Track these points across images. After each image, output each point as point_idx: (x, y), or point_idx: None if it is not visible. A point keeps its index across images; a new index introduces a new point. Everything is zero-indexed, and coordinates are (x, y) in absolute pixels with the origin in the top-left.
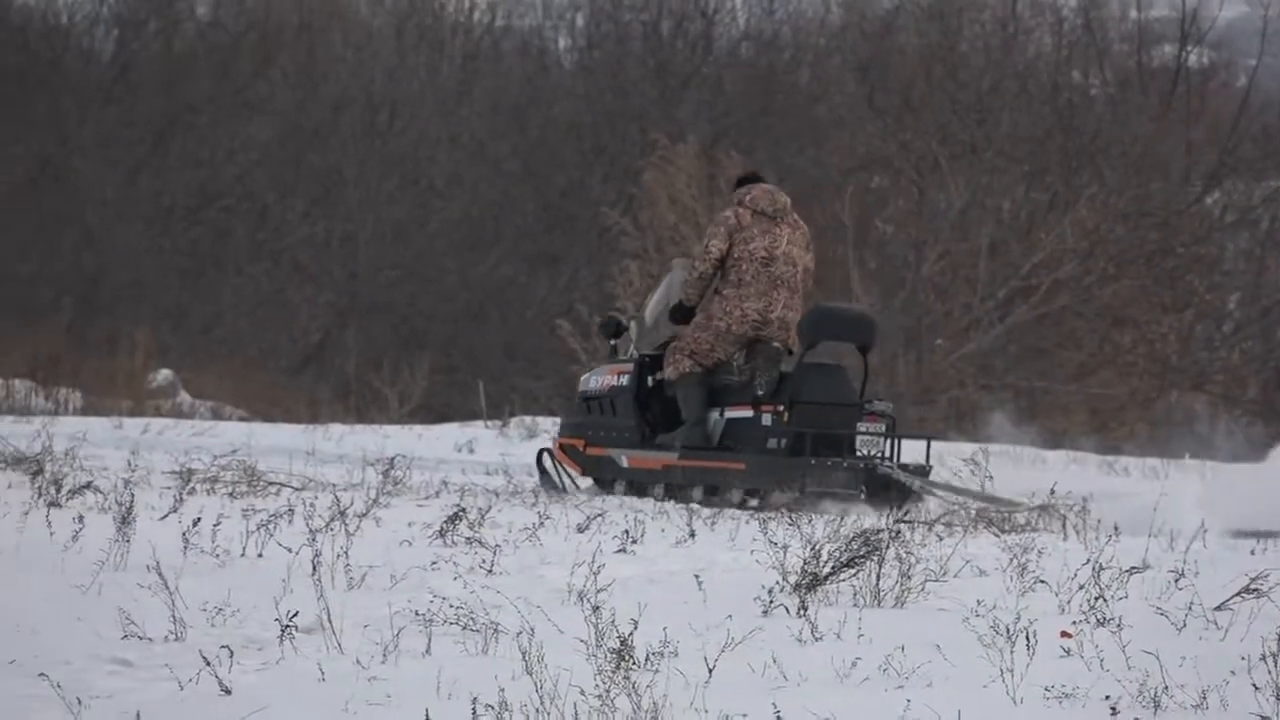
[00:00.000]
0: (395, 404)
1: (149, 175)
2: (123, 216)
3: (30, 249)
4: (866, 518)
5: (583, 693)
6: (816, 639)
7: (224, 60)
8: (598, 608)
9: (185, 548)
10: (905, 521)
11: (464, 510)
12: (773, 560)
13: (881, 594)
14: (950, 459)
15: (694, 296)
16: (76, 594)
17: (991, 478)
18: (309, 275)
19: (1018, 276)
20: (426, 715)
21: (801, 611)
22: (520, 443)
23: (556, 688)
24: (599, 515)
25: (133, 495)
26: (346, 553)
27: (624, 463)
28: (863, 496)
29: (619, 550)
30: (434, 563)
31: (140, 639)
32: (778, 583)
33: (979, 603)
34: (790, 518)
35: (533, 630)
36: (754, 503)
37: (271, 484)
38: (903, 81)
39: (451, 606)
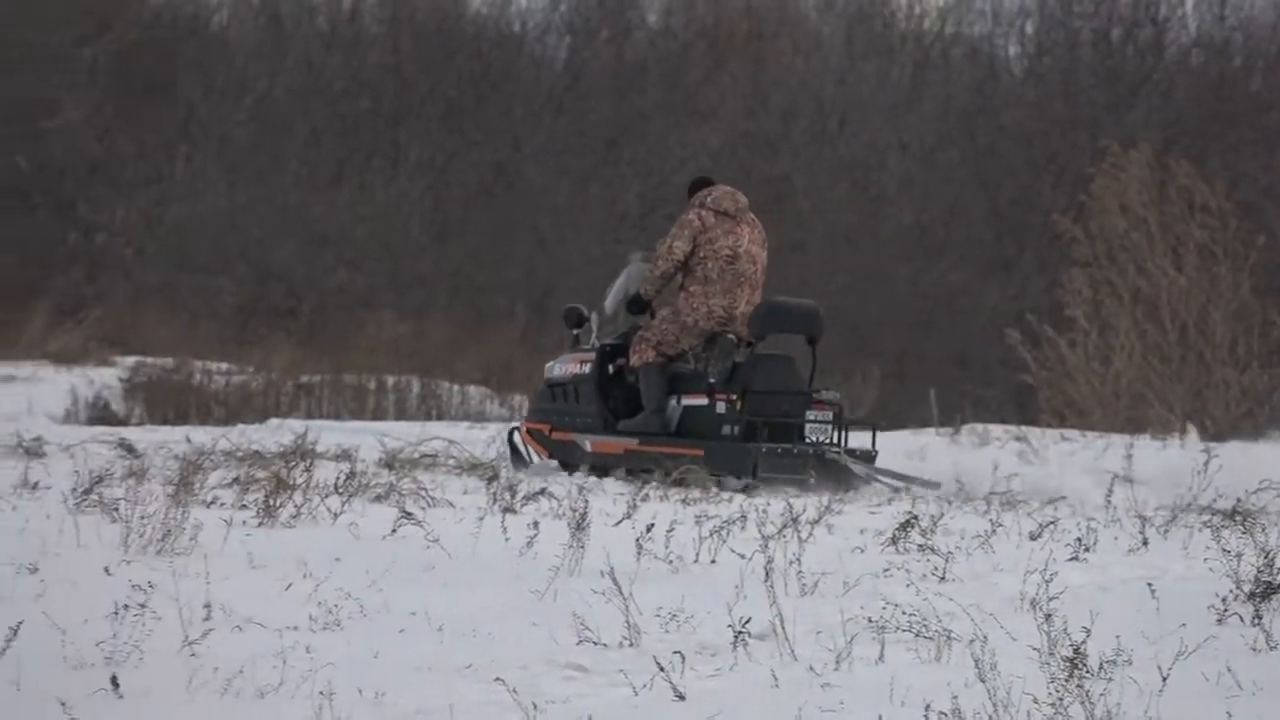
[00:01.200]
0: (846, 411)
1: (600, 183)
2: (574, 224)
3: (485, 257)
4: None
5: (1035, 700)
6: (1271, 648)
7: (674, 68)
8: (1050, 615)
9: (639, 554)
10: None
11: (916, 517)
12: (1226, 568)
13: None
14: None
15: (652, 292)
16: (532, 599)
17: None
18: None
19: None
20: None
21: (1256, 620)
22: (972, 450)
23: (1009, 695)
24: (1051, 523)
25: (586, 501)
26: (799, 559)
27: (588, 447)
28: (812, 480)
29: (1071, 558)
30: (886, 569)
31: (595, 644)
32: (1231, 591)
33: None
34: (1243, 526)
35: (985, 638)
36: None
37: (723, 490)
38: None
39: (904, 614)
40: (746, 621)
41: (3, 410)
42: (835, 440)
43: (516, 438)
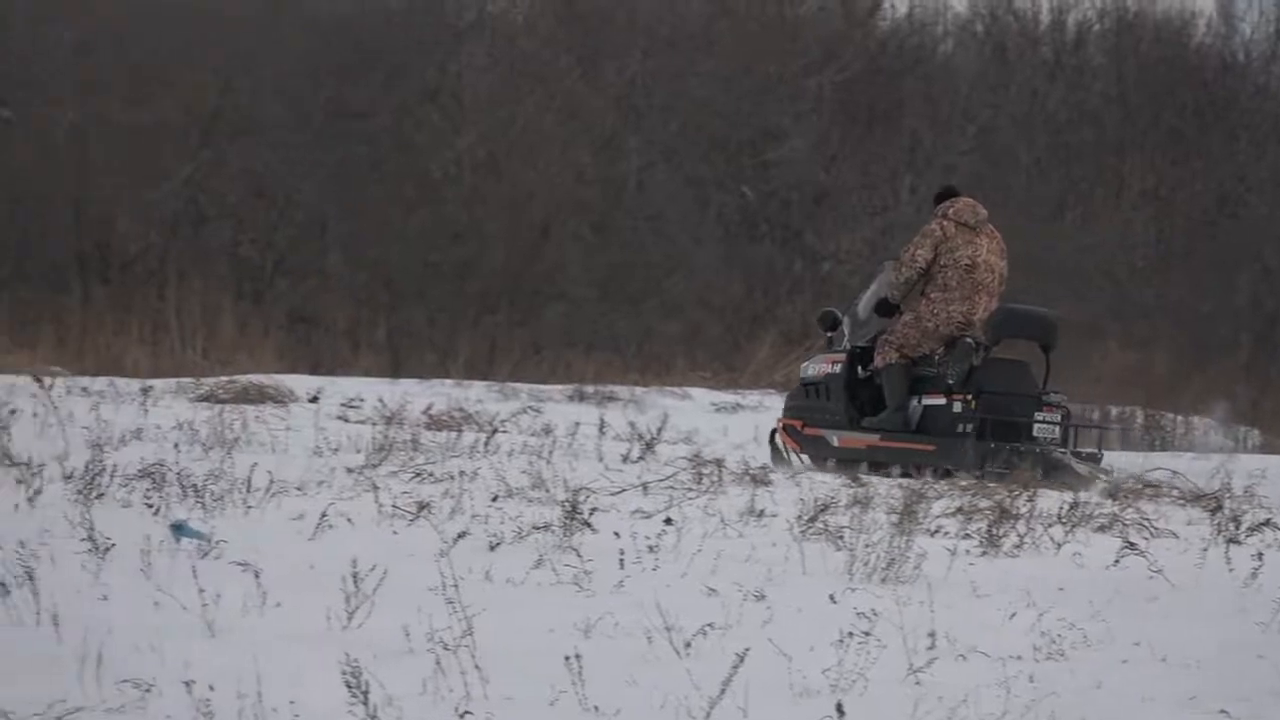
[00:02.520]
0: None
1: None
2: None
3: (1208, 286)
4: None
5: None
6: None
7: None
8: None
9: None
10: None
11: None
12: None
13: None
14: None
15: (897, 296)
16: (1257, 631)
17: None
18: None
19: None
20: None
21: None
22: None
23: None
24: None
25: None
26: None
27: (835, 442)
28: (1039, 479)
29: None
30: None
31: None
32: None
33: None
34: None
35: None
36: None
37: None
38: None
39: None
40: None
41: (730, 438)
42: (1063, 441)
43: (777, 439)
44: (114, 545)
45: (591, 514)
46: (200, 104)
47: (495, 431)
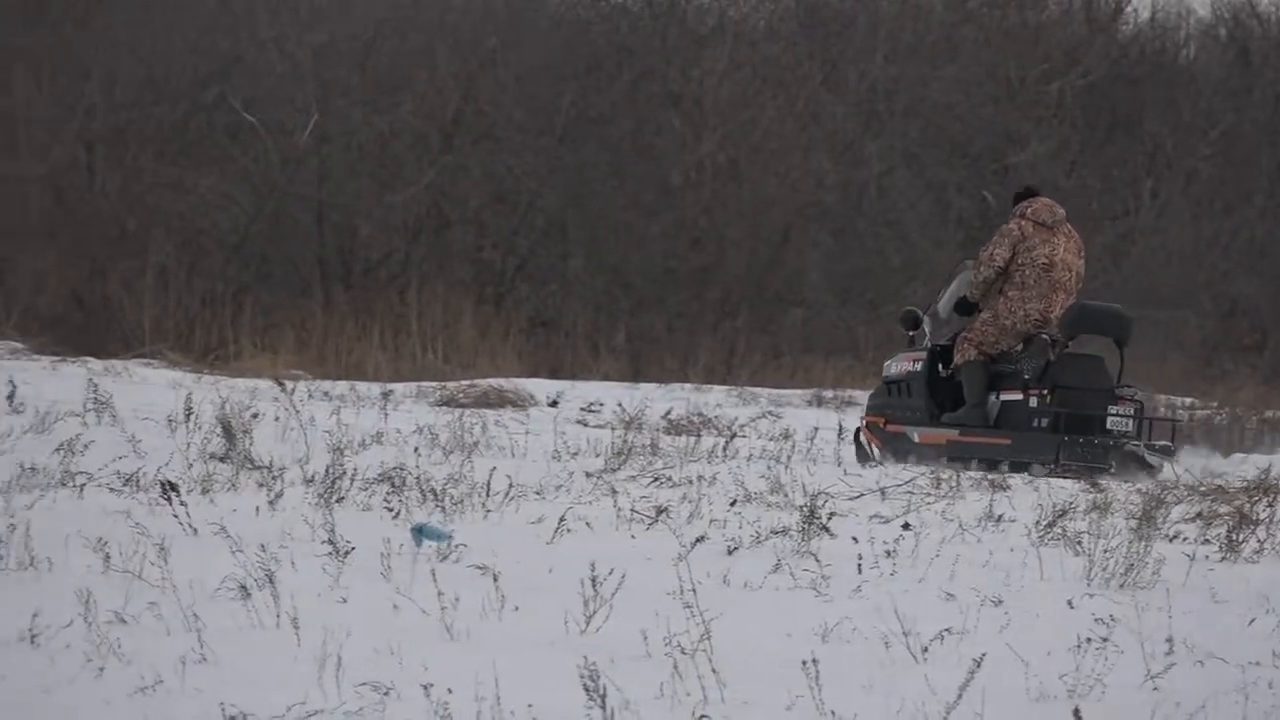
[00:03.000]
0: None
1: None
2: None
3: None
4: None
5: None
6: None
7: None
8: None
9: None
10: None
11: None
12: None
13: None
14: None
15: (976, 295)
16: None
17: None
18: None
19: None
20: None
21: None
22: None
23: None
24: None
25: None
26: None
27: (915, 438)
28: (1112, 470)
29: None
30: None
31: None
32: None
33: None
34: None
35: None
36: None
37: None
38: None
39: None
40: None
41: None
42: (1136, 434)
43: (862, 437)
44: (354, 549)
45: (830, 519)
46: (442, 109)
47: (734, 436)
